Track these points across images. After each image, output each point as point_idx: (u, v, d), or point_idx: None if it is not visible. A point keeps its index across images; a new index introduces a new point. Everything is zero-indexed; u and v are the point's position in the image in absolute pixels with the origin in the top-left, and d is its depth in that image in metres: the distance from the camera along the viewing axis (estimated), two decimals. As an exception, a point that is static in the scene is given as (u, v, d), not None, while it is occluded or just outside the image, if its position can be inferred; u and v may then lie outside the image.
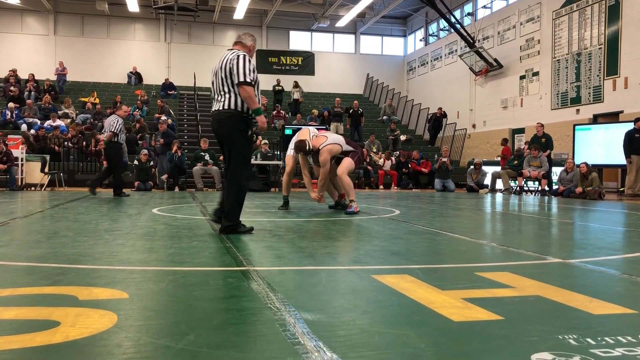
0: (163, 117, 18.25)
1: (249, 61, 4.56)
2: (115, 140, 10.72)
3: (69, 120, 17.72)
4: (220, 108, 4.58)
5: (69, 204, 8.31)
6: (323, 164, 7.00)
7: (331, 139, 7.09)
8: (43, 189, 13.33)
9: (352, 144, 7.36)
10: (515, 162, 14.73)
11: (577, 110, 16.24)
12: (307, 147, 7.01)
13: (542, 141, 14.02)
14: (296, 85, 21.86)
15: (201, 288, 2.55)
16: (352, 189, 6.96)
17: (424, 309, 2.19)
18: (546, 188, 13.71)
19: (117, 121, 10.83)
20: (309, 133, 7.23)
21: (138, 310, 2.16)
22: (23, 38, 24.23)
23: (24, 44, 24.15)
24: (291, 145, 7.49)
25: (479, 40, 20.47)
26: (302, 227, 5.39)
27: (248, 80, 4.47)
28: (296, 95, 21.79)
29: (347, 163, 7.03)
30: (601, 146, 13.99)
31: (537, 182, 14.53)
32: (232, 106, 4.53)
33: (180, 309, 2.18)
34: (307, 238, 4.57)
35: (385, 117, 22.33)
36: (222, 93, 4.58)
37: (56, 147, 15.50)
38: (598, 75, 15.57)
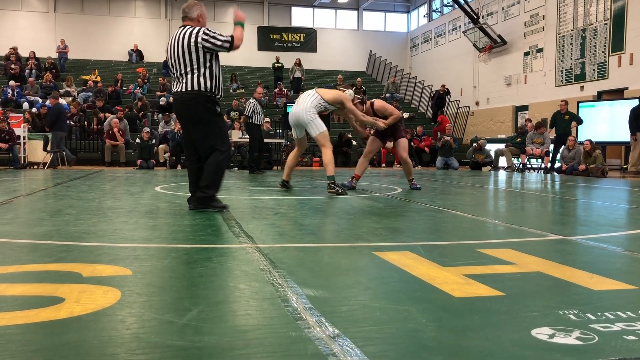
0: (163, 98, 18.19)
1: (209, 29, 4.46)
2: (250, 121, 11.45)
3: (70, 99, 17.66)
4: (184, 89, 4.46)
5: (71, 182, 8.33)
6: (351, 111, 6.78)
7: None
8: (46, 167, 13.36)
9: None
10: (519, 139, 14.68)
11: (582, 87, 16.12)
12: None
13: (565, 118, 13.76)
14: (299, 63, 21.68)
15: (204, 265, 2.57)
16: (412, 169, 7.39)
17: (425, 285, 2.21)
18: (548, 165, 13.67)
19: (250, 104, 11.55)
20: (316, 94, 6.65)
21: (141, 286, 2.18)
22: (23, 15, 24.03)
23: (24, 22, 23.97)
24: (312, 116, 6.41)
25: (482, 16, 20.25)
26: (304, 205, 5.41)
27: (227, 41, 4.41)
28: (298, 74, 21.63)
29: (405, 143, 7.30)
30: (605, 123, 13.91)
31: (540, 160, 14.50)
32: (196, 87, 4.44)
33: (183, 285, 2.19)
34: (309, 216, 4.58)
35: (388, 95, 22.20)
36: (184, 73, 4.46)
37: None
38: (603, 52, 15.41)
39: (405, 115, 20.31)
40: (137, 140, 14.61)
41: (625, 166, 13.47)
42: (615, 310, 1.86)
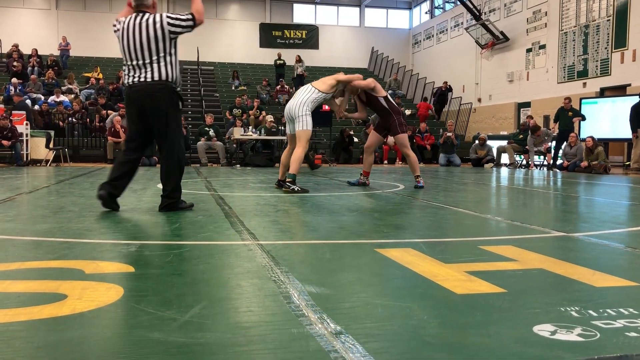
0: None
1: (170, 13, 4.32)
2: None
3: (72, 96, 17.68)
4: (149, 79, 4.21)
5: (74, 179, 8.34)
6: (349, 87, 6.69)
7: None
8: (48, 164, 13.38)
9: (391, 103, 6.88)
10: (521, 136, 14.65)
11: (584, 84, 16.08)
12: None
13: (568, 115, 13.73)
14: (299, 60, 21.64)
15: (206, 262, 2.58)
16: (417, 165, 6.98)
17: (427, 281, 2.21)
18: (550, 162, 13.65)
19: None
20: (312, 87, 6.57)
21: (144, 283, 2.19)
22: (25, 12, 24.05)
23: (26, 19, 23.98)
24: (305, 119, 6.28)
25: (485, 13, 20.20)
26: (306, 201, 5.41)
27: (190, 20, 4.25)
28: (299, 70, 21.60)
29: (404, 139, 6.85)
30: (607, 120, 13.89)
31: (542, 157, 14.49)
32: (164, 76, 4.22)
33: (186, 282, 2.20)
34: (311, 212, 4.58)
35: (390, 92, 22.17)
36: (147, 62, 4.22)
37: (60, 123, 15.51)
38: (606, 48, 15.37)
39: (408, 112, 20.29)
40: (139, 137, 14.59)
41: (627, 163, 13.44)
42: (617, 307, 1.86)
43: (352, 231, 3.56)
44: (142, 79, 4.21)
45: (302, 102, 6.27)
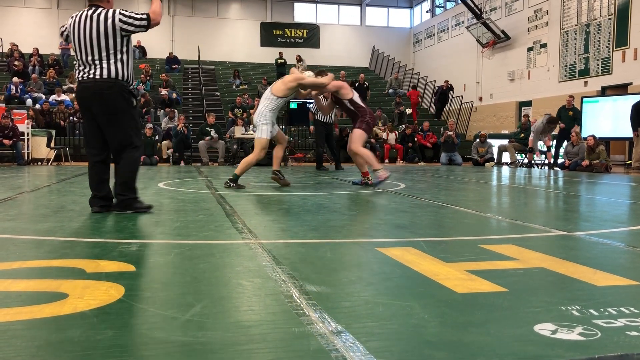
0: (164, 92, 18.21)
1: (124, 10, 4.16)
2: (316, 118, 11.78)
3: (73, 95, 17.68)
4: (98, 77, 4.04)
5: (75, 178, 8.35)
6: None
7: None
8: (49, 163, 13.39)
9: (357, 105, 6.80)
10: (522, 135, 14.64)
11: (585, 83, 16.07)
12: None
13: (569, 114, 13.72)
14: (299, 59, 21.62)
15: (207, 261, 2.58)
16: (373, 157, 6.68)
17: (427, 280, 2.21)
18: (551, 161, 13.63)
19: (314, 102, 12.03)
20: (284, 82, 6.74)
21: (145, 282, 2.19)
22: (26, 12, 24.06)
23: (27, 18, 23.99)
24: (266, 125, 6.64)
25: (486, 12, 20.18)
26: (307, 200, 5.41)
27: (144, 19, 4.13)
28: (300, 70, 21.53)
29: (357, 135, 6.71)
30: (609, 119, 13.87)
31: (543, 155, 14.48)
32: (113, 74, 4.06)
33: (187, 281, 2.20)
34: (312, 212, 4.58)
35: (391, 91, 22.17)
36: (97, 59, 4.05)
37: (61, 122, 15.51)
38: (607, 47, 15.35)
39: (408, 111, 20.29)
40: (140, 136, 14.61)
41: (629, 162, 13.43)
42: (618, 306, 1.86)
43: (353, 230, 3.56)
44: (91, 76, 4.06)
45: (260, 112, 6.62)
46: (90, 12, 4.11)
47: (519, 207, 5.34)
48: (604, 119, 13.95)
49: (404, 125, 18.19)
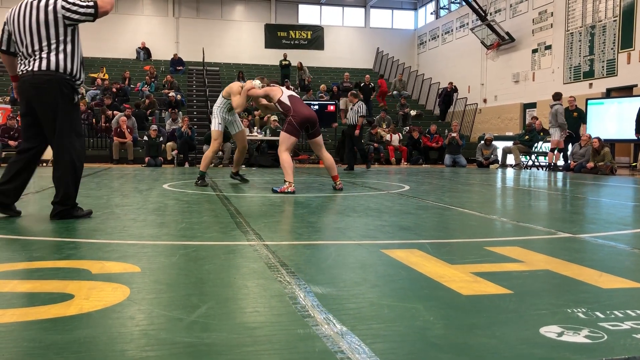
0: (172, 93, 18.26)
1: None
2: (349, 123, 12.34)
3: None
4: (36, 69, 3.70)
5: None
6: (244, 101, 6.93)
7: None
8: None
9: (294, 100, 6.48)
10: (527, 137, 14.61)
11: (590, 84, 16.02)
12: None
13: (573, 115, 13.63)
14: (301, 67, 21.61)
15: (212, 262, 2.58)
16: (290, 168, 6.17)
17: (432, 282, 2.21)
18: (560, 162, 13.52)
19: (342, 105, 12.61)
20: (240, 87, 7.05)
21: (150, 283, 2.20)
22: (31, 14, 24.13)
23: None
24: (218, 119, 7.15)
25: (490, 13, 20.15)
26: (311, 202, 5.41)
27: (90, 7, 3.79)
28: (303, 77, 21.48)
29: (281, 138, 6.36)
30: (614, 121, 13.82)
31: (546, 157, 14.45)
32: (53, 66, 3.71)
33: (192, 282, 2.20)
34: (316, 213, 4.58)
35: (395, 92, 22.15)
36: (37, 50, 3.72)
37: (67, 123, 15.54)
38: (612, 49, 15.31)
39: (413, 113, 20.28)
40: (145, 137, 14.66)
41: (634, 164, 13.38)
42: (624, 308, 1.85)
43: (357, 232, 3.56)
44: (30, 69, 3.73)
45: (214, 108, 7.28)
46: (34, 1, 3.77)
47: (523, 209, 5.33)
48: (609, 121, 13.90)
49: (408, 127, 18.18)
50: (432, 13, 26.00)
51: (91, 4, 3.80)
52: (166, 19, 25.43)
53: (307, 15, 26.93)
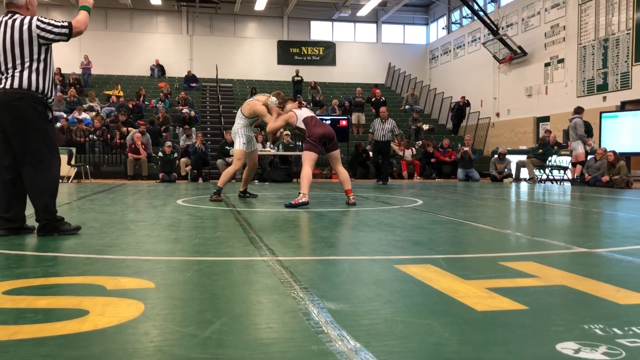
0: (185, 109, 18.43)
1: (43, 18, 3.82)
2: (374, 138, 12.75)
3: (93, 113, 17.97)
4: (7, 87, 3.71)
5: (95, 195, 8.45)
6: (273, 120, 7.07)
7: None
8: (70, 181, 13.57)
9: (309, 120, 6.75)
10: (540, 150, 14.52)
11: (604, 98, 15.92)
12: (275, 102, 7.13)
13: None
14: (314, 86, 21.74)
15: (226, 277, 2.59)
16: (308, 181, 6.41)
17: (447, 298, 2.19)
18: (576, 176, 13.38)
19: (374, 123, 12.74)
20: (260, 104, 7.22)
21: (164, 299, 2.20)
22: (48, 33, 24.55)
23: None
24: (242, 139, 7.26)
25: (502, 28, 20.17)
26: (324, 217, 5.41)
27: (65, 27, 3.82)
28: (316, 96, 21.58)
29: (303, 157, 6.66)
30: (629, 134, 13.69)
31: (562, 171, 14.33)
32: (25, 85, 3.72)
33: (206, 298, 2.21)
34: (329, 228, 4.58)
35: (407, 107, 22.17)
36: (10, 68, 3.73)
37: (81, 140, 15.75)
38: (626, 62, 15.22)
39: (425, 127, 20.27)
40: (160, 153, 14.79)
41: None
42: (642, 324, 1.82)
43: (371, 247, 3.55)
44: (2, 87, 3.73)
45: (234, 130, 7.37)
46: (6, 18, 3.81)
47: (538, 223, 5.28)
48: (624, 134, 13.77)
49: (421, 141, 18.16)
50: (443, 28, 26.08)
51: (65, 24, 3.85)
52: (180, 37, 25.75)
53: (319, 31, 27.13)
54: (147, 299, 2.17)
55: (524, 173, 14.64)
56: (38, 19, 3.80)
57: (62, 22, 3.87)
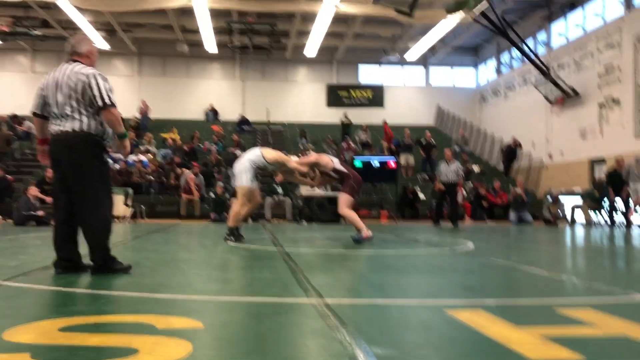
0: (238, 151, 18.85)
1: (105, 79, 4.02)
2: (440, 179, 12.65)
3: (150, 155, 18.61)
4: (69, 130, 3.90)
5: (149, 235, 8.67)
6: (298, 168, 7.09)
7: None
8: (126, 221, 13.99)
9: (345, 166, 7.23)
10: (596, 192, 14.02)
11: (664, 138, 15.34)
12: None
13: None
14: (365, 129, 21.95)
15: (272, 319, 2.59)
16: (357, 219, 6.76)
17: (499, 346, 2.12)
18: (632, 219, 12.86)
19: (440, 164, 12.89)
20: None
21: (212, 340, 2.22)
22: (111, 80, 25.69)
23: (112, 85, 25.67)
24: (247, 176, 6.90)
25: (553, 69, 19.88)
26: (372, 259, 5.36)
27: (111, 102, 3.95)
28: (364, 138, 21.70)
29: (343, 199, 6.91)
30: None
31: (620, 213, 13.77)
32: (85, 128, 3.91)
33: (252, 339, 2.21)
34: (377, 271, 4.53)
35: (457, 149, 21.96)
36: (69, 113, 3.91)
37: (138, 180, 16.29)
38: (686, 101, 14.68)
39: (476, 169, 19.98)
40: (212, 194, 15.11)
41: None
42: None
43: (420, 291, 3.49)
44: (63, 129, 3.92)
45: (243, 161, 6.94)
46: (71, 67, 4.01)
47: (595, 268, 5.06)
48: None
49: (471, 183, 17.87)
50: (493, 70, 25.94)
51: (113, 102, 3.98)
52: (233, 82, 26.58)
53: (367, 74, 27.48)
54: (196, 339, 2.19)
55: (579, 216, 14.13)
56: (99, 74, 3.99)
57: (110, 97, 3.96)
